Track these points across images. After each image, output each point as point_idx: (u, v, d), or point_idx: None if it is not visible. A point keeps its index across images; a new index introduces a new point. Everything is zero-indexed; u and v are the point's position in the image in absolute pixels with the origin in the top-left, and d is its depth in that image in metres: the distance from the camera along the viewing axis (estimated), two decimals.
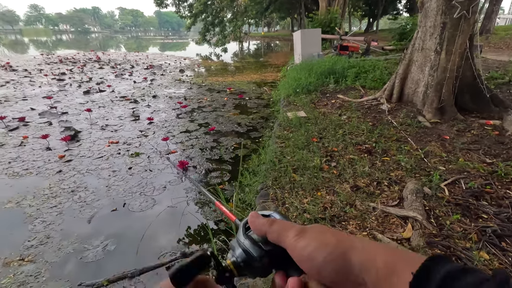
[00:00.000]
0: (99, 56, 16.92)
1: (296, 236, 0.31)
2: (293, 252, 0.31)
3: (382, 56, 8.46)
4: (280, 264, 0.34)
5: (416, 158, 2.88)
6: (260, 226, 0.35)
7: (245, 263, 0.35)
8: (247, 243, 0.35)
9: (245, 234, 0.37)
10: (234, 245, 0.37)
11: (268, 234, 0.34)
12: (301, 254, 0.30)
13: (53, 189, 3.18)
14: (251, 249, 0.35)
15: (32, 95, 7.45)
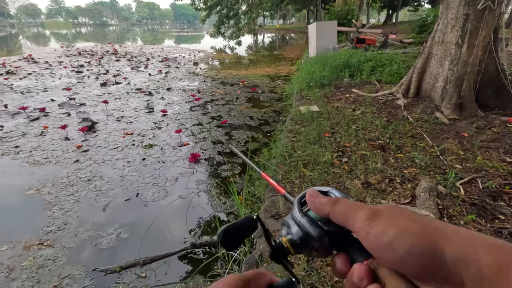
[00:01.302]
0: (116, 49, 17.24)
1: (368, 220, 0.26)
2: (365, 238, 0.26)
3: (400, 50, 8.19)
4: (342, 245, 0.31)
5: (432, 156, 2.80)
6: (321, 206, 0.31)
7: (302, 242, 0.32)
8: (304, 222, 0.32)
9: (301, 211, 0.34)
10: (289, 222, 0.34)
11: (332, 215, 0.30)
12: (376, 243, 0.26)
13: (71, 177, 3.31)
14: (309, 228, 0.32)
15: (52, 86, 7.71)
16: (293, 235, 0.33)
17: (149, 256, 2.17)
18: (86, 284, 1.97)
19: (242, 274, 0.32)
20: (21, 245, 2.30)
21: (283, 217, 2.13)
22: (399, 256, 0.24)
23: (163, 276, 2.04)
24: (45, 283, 1.97)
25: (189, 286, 1.94)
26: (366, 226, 0.26)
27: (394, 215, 0.26)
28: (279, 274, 1.62)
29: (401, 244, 0.24)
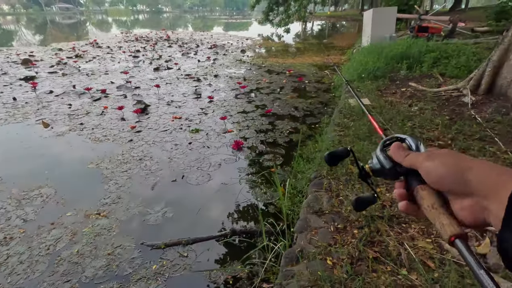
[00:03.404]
0: (168, 35, 18.04)
1: (425, 159, 0.39)
2: (420, 169, 0.39)
3: (470, 39, 7.25)
4: (405, 174, 0.43)
5: (504, 163, 2.45)
6: (398, 156, 0.43)
7: (377, 170, 0.46)
8: (381, 157, 0.45)
9: (382, 150, 0.46)
10: (373, 155, 0.48)
11: (403, 163, 0.42)
12: (425, 171, 0.38)
13: (125, 155, 3.57)
14: (384, 162, 0.45)
15: (112, 70, 8.36)
16: (373, 164, 0.47)
17: (191, 237, 2.26)
18: (135, 255, 2.13)
19: None
20: (82, 213, 2.56)
21: (326, 214, 2.05)
22: (437, 177, 0.37)
23: (203, 258, 2.12)
24: (101, 250, 2.17)
25: (227, 271, 1.98)
26: (423, 161, 0.39)
27: (442, 154, 0.38)
28: None
29: (439, 169, 0.36)
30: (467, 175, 0.34)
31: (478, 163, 0.35)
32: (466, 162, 0.35)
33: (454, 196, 0.36)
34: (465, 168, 0.34)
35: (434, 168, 0.37)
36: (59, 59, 9.70)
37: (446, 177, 0.36)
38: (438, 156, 0.38)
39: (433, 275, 1.49)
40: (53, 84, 6.79)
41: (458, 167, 0.35)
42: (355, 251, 1.67)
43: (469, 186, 0.34)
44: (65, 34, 22.80)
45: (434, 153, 0.39)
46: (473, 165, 0.34)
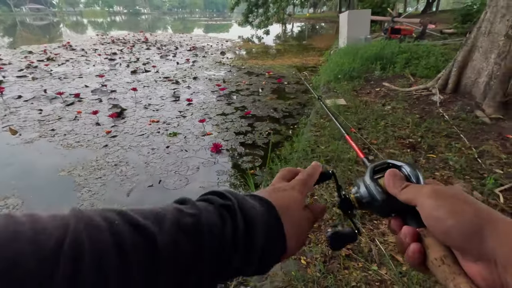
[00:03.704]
0: (147, 37, 17.70)
1: (428, 197, 0.30)
2: (421, 209, 0.31)
3: (439, 41, 7.61)
4: (400, 211, 0.36)
5: (468, 158, 2.58)
6: (393, 187, 0.35)
7: (367, 202, 0.39)
8: (372, 187, 0.38)
9: (372, 177, 0.39)
10: (359, 183, 0.41)
11: (399, 197, 0.34)
12: (428, 214, 0.30)
13: (99, 161, 3.46)
14: (376, 193, 0.37)
15: (87, 73, 8.09)
16: (360, 194, 0.40)
17: None
18: None
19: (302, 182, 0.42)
20: None
21: None
22: (445, 228, 0.28)
23: None
24: None
25: None
26: (425, 199, 0.30)
27: (453, 195, 0.30)
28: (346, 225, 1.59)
29: (451, 219, 0.28)
30: (486, 234, 0.26)
31: (501, 220, 0.26)
32: (485, 214, 0.27)
33: (462, 254, 0.28)
34: (484, 224, 0.26)
35: (441, 216, 0.28)
36: (29, 62, 9.26)
37: (457, 232, 0.27)
38: (446, 198, 0.29)
39: (401, 269, 1.55)
40: (22, 88, 6.47)
41: (475, 222, 0.27)
42: (328, 250, 1.70)
43: (485, 250, 0.26)
44: (37, 36, 21.82)
45: (440, 191, 0.31)
46: (495, 221, 0.26)
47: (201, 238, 0.28)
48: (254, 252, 0.31)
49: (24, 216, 0.22)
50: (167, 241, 0.26)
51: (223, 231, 0.29)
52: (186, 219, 0.28)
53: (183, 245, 0.26)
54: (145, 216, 0.27)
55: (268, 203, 0.35)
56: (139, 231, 0.25)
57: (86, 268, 0.21)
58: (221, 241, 0.29)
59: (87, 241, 0.22)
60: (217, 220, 0.30)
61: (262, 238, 0.31)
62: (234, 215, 0.31)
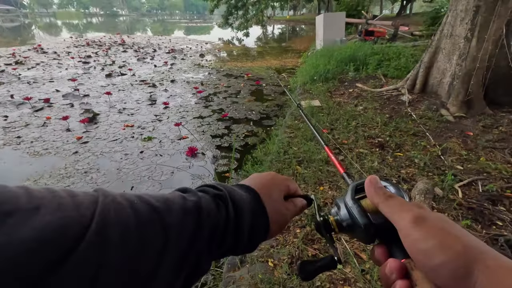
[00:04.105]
0: (124, 40, 17.27)
1: (412, 223, 0.28)
2: (405, 239, 0.28)
3: (410, 42, 7.91)
4: (385, 237, 0.32)
5: (432, 155, 2.69)
6: (375, 195, 0.33)
7: (348, 225, 0.35)
8: (354, 209, 0.34)
9: (354, 198, 0.35)
10: (340, 204, 0.37)
11: (381, 207, 0.32)
12: (414, 246, 0.27)
13: (68, 169, 3.34)
14: (358, 216, 0.33)
15: (59, 77, 7.78)
16: (341, 217, 0.36)
17: None
18: None
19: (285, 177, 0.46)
20: None
21: None
22: (433, 265, 0.25)
23: None
24: None
25: None
26: (409, 228, 0.28)
27: (439, 226, 0.27)
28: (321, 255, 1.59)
29: (437, 255, 0.25)
30: (475, 274, 0.24)
31: (492, 258, 0.24)
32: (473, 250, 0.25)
33: None
34: (473, 264, 0.24)
35: (429, 250, 0.26)
36: None
37: (446, 271, 0.25)
38: (433, 228, 0.27)
39: (364, 266, 1.59)
40: None
41: (465, 259, 0.24)
42: (296, 250, 1.72)
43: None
44: (6, 38, 20.77)
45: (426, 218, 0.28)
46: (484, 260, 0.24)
47: (201, 220, 0.33)
48: (243, 233, 0.37)
49: (64, 191, 0.27)
50: (175, 221, 0.31)
51: (218, 215, 0.35)
52: (189, 204, 0.33)
53: (187, 225, 0.31)
54: (157, 200, 0.32)
55: (254, 191, 0.40)
56: (153, 209, 0.30)
57: (111, 234, 0.26)
58: (217, 224, 0.34)
59: (113, 213, 0.27)
60: (213, 206, 0.35)
61: (249, 220, 0.37)
62: (226, 203, 0.36)
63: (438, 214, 0.29)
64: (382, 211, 0.31)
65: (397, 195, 0.33)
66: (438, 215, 0.29)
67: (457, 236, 0.26)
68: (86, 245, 0.24)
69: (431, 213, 0.29)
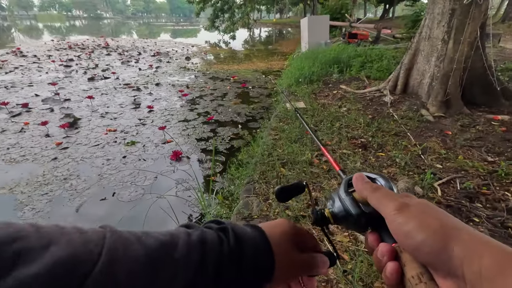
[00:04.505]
0: (108, 43, 16.95)
1: (396, 210, 0.30)
2: (390, 225, 0.31)
3: (392, 45, 8.11)
4: (376, 225, 0.35)
5: (413, 155, 2.75)
6: (362, 190, 0.36)
7: (342, 216, 0.38)
8: (347, 201, 0.37)
9: (347, 191, 0.38)
10: (334, 198, 0.39)
11: (369, 199, 0.34)
12: (398, 229, 0.30)
13: (47, 176, 3.22)
14: (350, 207, 0.36)
15: (38, 81, 7.54)
16: (335, 209, 0.39)
17: None
18: None
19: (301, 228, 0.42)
20: None
21: (255, 219, 2.08)
22: (415, 244, 0.28)
23: None
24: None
25: None
26: (393, 215, 0.30)
27: (420, 210, 0.30)
28: None
29: (418, 234, 0.28)
30: (452, 249, 0.26)
31: (466, 232, 0.27)
32: (449, 227, 0.27)
33: (434, 270, 0.28)
34: (449, 239, 0.26)
35: (410, 231, 0.28)
36: None
37: (426, 248, 0.27)
38: (415, 212, 0.30)
39: (346, 267, 1.59)
40: None
41: (442, 235, 0.27)
42: None
43: (454, 266, 0.26)
44: None
45: (409, 205, 0.31)
46: (460, 233, 0.27)
47: (205, 254, 0.33)
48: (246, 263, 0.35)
49: (73, 228, 0.28)
50: (182, 255, 0.31)
51: (221, 247, 0.34)
52: (193, 238, 0.33)
53: (193, 259, 0.31)
54: (163, 234, 0.32)
55: (259, 228, 0.39)
56: (161, 244, 0.31)
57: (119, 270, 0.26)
58: (220, 255, 0.33)
59: (121, 248, 0.28)
60: (216, 239, 0.35)
61: (251, 251, 0.35)
62: (227, 235, 0.36)
63: (421, 200, 0.32)
64: (371, 203, 0.34)
65: (386, 187, 0.36)
66: (421, 201, 0.32)
67: (435, 217, 0.29)
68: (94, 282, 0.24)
69: (415, 199, 0.32)
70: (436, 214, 0.29)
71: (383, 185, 0.37)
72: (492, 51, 4.14)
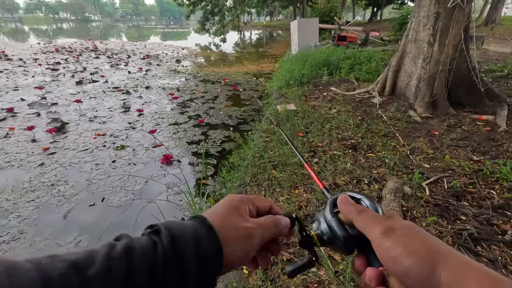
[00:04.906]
0: (96, 45, 16.73)
1: (382, 234, 0.30)
2: (377, 249, 0.31)
3: (380, 47, 8.25)
4: (363, 248, 0.34)
5: (401, 155, 2.80)
6: (348, 212, 0.35)
7: (329, 239, 0.37)
8: (333, 222, 0.36)
9: (332, 212, 0.38)
10: (320, 219, 0.39)
11: (355, 222, 0.34)
12: (385, 254, 0.30)
13: (33, 182, 3.14)
14: (337, 229, 0.36)
15: (24, 85, 7.37)
16: (321, 231, 0.38)
17: None
18: None
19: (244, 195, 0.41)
20: None
21: None
22: (402, 270, 0.28)
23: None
24: None
25: None
26: (380, 239, 0.30)
27: (406, 234, 0.30)
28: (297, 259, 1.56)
29: (404, 260, 0.28)
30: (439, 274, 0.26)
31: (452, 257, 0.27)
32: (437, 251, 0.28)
33: None
34: (437, 263, 0.27)
35: (397, 257, 0.28)
36: None
37: (413, 274, 0.27)
38: (401, 236, 0.30)
39: (338, 267, 1.61)
40: None
41: (429, 261, 0.27)
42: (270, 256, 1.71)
43: None
44: None
45: (395, 228, 0.31)
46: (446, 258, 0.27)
47: (132, 262, 0.30)
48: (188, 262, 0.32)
49: None
50: (98, 270, 0.28)
51: (155, 252, 0.31)
52: (117, 248, 0.30)
53: (116, 271, 0.28)
54: (77, 254, 0.29)
55: (199, 216, 0.36)
56: (68, 265, 0.27)
57: None
58: (153, 261, 0.30)
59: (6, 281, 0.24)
60: (149, 243, 0.32)
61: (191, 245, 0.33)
62: (160, 235, 0.33)
63: (405, 223, 0.32)
64: (356, 226, 0.34)
65: (371, 208, 0.36)
66: (406, 223, 0.32)
67: (421, 240, 0.29)
68: None
69: (400, 222, 0.32)
70: (422, 238, 0.29)
71: (368, 206, 0.37)
72: (476, 53, 4.25)
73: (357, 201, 0.38)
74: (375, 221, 0.33)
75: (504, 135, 3.08)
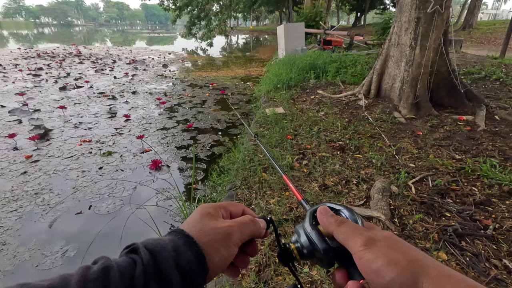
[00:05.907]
0: (80, 51, 16.39)
1: (363, 246, 0.30)
2: (358, 261, 0.30)
3: (364, 51, 8.46)
4: (343, 260, 0.34)
5: (388, 155, 2.87)
6: (327, 224, 0.35)
7: (309, 252, 0.36)
8: (313, 235, 0.35)
9: (312, 224, 0.37)
10: (299, 231, 0.38)
11: (335, 234, 0.34)
12: (366, 267, 0.29)
13: (16, 191, 3.04)
14: (317, 242, 0.35)
15: (4, 91, 7.13)
16: (301, 244, 0.37)
17: None
18: None
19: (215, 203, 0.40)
20: None
21: None
22: (384, 283, 0.28)
23: None
24: None
25: None
26: (361, 251, 0.30)
27: (387, 245, 0.30)
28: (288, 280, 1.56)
29: (386, 272, 0.27)
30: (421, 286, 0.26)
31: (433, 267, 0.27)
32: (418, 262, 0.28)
33: None
34: (419, 274, 0.27)
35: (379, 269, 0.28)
36: None
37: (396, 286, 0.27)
38: (382, 247, 0.30)
39: None
40: None
41: (412, 272, 0.27)
42: (263, 258, 1.71)
43: None
44: None
45: (376, 240, 0.31)
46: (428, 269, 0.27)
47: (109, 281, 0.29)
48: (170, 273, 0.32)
49: None
50: None
51: (134, 270, 0.30)
52: (93, 269, 0.29)
53: None
54: (50, 280, 0.28)
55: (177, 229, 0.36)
56: None
57: None
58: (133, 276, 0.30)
59: None
60: (127, 261, 0.31)
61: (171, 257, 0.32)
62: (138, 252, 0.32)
63: (386, 233, 0.32)
64: (337, 238, 0.33)
65: (350, 219, 0.36)
66: (386, 234, 0.32)
67: (402, 251, 0.29)
68: None
69: (380, 233, 0.32)
70: (403, 249, 0.29)
71: (348, 217, 0.36)
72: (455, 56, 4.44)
73: (337, 212, 0.38)
74: (355, 232, 0.32)
75: (483, 134, 3.22)
